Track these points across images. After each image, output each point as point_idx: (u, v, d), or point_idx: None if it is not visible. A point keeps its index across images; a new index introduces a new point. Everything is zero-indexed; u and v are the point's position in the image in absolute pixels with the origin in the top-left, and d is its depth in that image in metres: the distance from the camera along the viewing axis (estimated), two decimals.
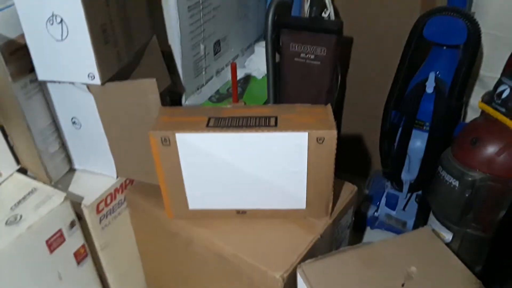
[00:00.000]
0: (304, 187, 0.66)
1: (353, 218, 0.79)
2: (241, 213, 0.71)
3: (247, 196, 0.69)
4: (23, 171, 0.74)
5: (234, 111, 0.66)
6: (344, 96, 1.11)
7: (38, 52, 0.62)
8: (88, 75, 0.63)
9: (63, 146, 0.76)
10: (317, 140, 0.61)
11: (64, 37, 0.60)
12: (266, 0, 1.18)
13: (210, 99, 1.04)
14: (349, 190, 0.75)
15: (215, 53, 1.04)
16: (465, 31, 0.73)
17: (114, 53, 0.66)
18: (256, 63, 1.13)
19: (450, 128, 0.83)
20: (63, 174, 0.77)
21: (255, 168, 0.65)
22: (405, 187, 0.95)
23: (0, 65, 0.58)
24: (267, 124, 0.62)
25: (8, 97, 0.62)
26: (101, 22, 0.61)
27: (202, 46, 0.97)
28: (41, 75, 0.65)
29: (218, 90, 1.07)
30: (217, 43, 1.03)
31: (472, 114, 0.94)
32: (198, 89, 1.01)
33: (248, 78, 1.12)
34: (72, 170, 0.79)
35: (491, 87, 0.81)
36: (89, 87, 0.65)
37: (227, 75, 1.11)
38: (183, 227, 0.72)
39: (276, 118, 0.63)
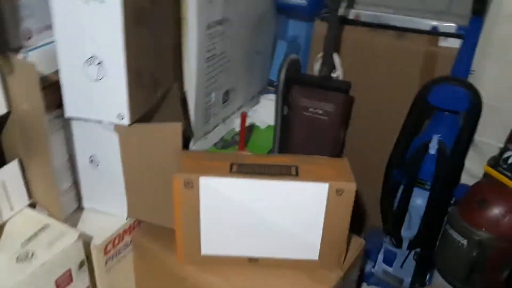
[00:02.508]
0: (319, 237, 0.67)
1: (359, 273, 0.80)
2: (253, 261, 0.70)
3: (261, 244, 0.69)
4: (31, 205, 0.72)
5: (256, 158, 0.68)
6: (343, 151, 1.15)
7: (70, 90, 0.64)
8: (118, 115, 0.65)
9: (75, 183, 0.76)
10: (336, 192, 0.63)
11: (100, 77, 0.62)
12: (272, 55, 1.25)
13: (215, 145, 1.06)
14: (357, 243, 0.77)
15: (224, 102, 1.07)
16: (467, 99, 0.79)
17: (144, 96, 0.68)
18: (261, 114, 1.17)
19: (451, 188, 0.87)
20: (71, 212, 0.76)
21: (273, 215, 0.66)
22: (405, 244, 0.97)
23: (36, 97, 0.59)
24: (289, 173, 0.65)
25: (37, 131, 0.63)
26: (136, 66, 0.64)
27: (213, 95, 1.00)
28: (70, 111, 0.66)
29: (223, 137, 1.10)
30: (226, 93, 1.07)
31: (465, 176, 0.99)
32: (205, 134, 1.03)
33: (251, 127, 1.16)
34: (79, 208, 0.78)
35: (484, 152, 0.87)
36: (115, 126, 0.67)
37: (232, 123, 1.14)
38: (192, 273, 0.71)
39: (297, 168, 0.66)
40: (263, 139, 1.11)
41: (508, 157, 0.68)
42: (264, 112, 1.17)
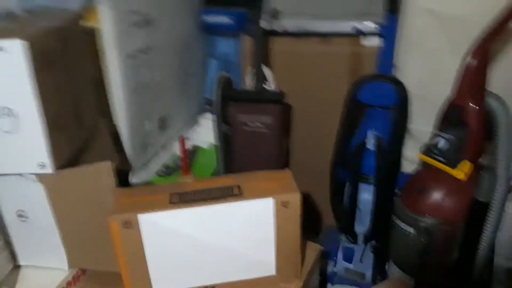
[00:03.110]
0: (273, 252, 0.66)
1: (319, 277, 0.80)
2: None
3: (216, 270, 0.67)
4: None
5: (196, 184, 0.66)
6: (288, 159, 1.15)
7: None
8: (38, 165, 0.60)
9: (6, 242, 0.70)
10: (282, 204, 0.63)
11: (13, 129, 0.58)
12: (205, 76, 1.24)
13: (158, 173, 1.03)
14: (313, 249, 0.77)
15: (160, 128, 1.04)
16: (394, 93, 0.82)
17: (66, 140, 0.65)
18: (201, 134, 1.15)
19: (393, 179, 0.90)
20: (6, 273, 0.70)
21: (223, 239, 0.64)
22: (360, 239, 0.98)
23: None
24: (232, 193, 0.63)
25: None
26: (53, 110, 0.60)
27: (147, 123, 0.97)
28: None
29: (165, 164, 1.07)
30: (162, 119, 1.04)
31: (405, 163, 1.02)
32: (144, 164, 0.99)
33: (194, 149, 1.13)
34: (16, 267, 0.72)
35: (419, 139, 0.90)
36: (39, 176, 0.62)
37: (173, 148, 1.11)
38: None
39: (239, 187, 0.64)
40: (207, 159, 1.09)
41: (438, 143, 0.70)
42: (205, 132, 1.15)
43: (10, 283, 0.68)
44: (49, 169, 0.60)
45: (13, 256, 0.71)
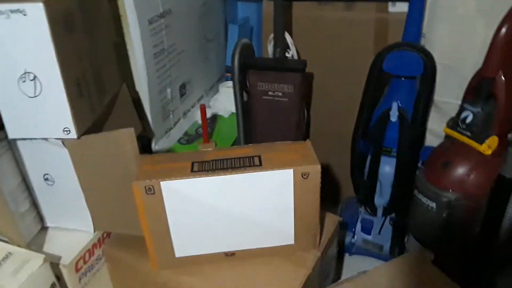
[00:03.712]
0: (292, 222, 0.67)
1: (337, 248, 0.81)
2: (230, 255, 0.70)
3: (235, 238, 0.68)
4: None
5: (217, 153, 0.66)
6: (309, 129, 1.14)
7: (9, 110, 0.60)
8: (63, 130, 0.61)
9: (34, 204, 0.72)
10: (302, 176, 0.62)
11: (37, 93, 0.58)
12: (225, 43, 1.22)
13: (179, 141, 1.03)
14: (332, 220, 0.77)
15: (181, 96, 1.04)
16: (421, 63, 0.79)
17: (89, 106, 0.65)
18: (222, 102, 1.15)
19: (416, 152, 0.88)
20: (35, 234, 0.73)
21: (243, 208, 0.65)
22: (379, 211, 0.98)
23: None
24: (252, 164, 0.63)
25: None
26: (75, 76, 0.61)
27: (168, 90, 0.97)
28: (12, 133, 0.62)
29: (186, 132, 1.07)
30: (183, 86, 1.04)
31: (430, 137, 1.00)
32: (166, 132, 1.00)
33: (215, 117, 1.13)
34: (44, 228, 0.75)
35: (445, 111, 0.88)
36: (64, 142, 0.63)
37: (194, 116, 1.12)
38: (170, 277, 0.69)
39: (259, 157, 0.64)
40: (228, 128, 1.09)
41: (465, 117, 0.69)
42: (225, 100, 1.15)
43: (37, 244, 0.71)
44: (73, 135, 0.61)
45: (40, 218, 0.74)
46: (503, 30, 0.63)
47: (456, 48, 0.83)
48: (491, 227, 0.69)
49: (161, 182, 0.61)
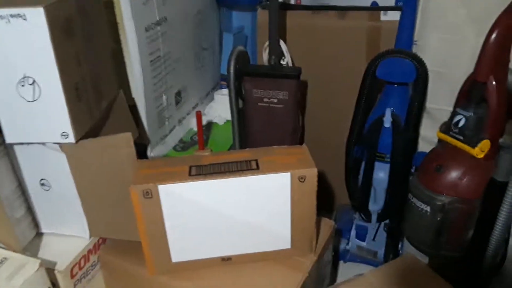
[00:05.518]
0: (289, 226, 0.67)
1: (333, 253, 0.81)
2: (226, 260, 0.70)
3: (232, 242, 0.68)
4: None
5: (214, 157, 0.67)
6: (303, 136, 1.15)
7: (7, 113, 0.60)
8: (62, 134, 0.61)
9: (29, 209, 0.72)
10: (299, 179, 0.63)
11: (36, 97, 0.59)
12: (220, 52, 1.24)
13: (174, 148, 1.04)
14: (327, 225, 0.78)
15: (177, 103, 1.05)
16: (414, 69, 0.81)
17: (87, 110, 0.65)
18: (217, 110, 1.16)
19: (409, 158, 0.89)
20: (30, 240, 0.72)
21: (240, 212, 0.65)
22: (373, 218, 0.99)
23: None
24: (249, 167, 0.64)
25: None
26: (73, 80, 0.61)
27: (164, 97, 0.98)
28: (10, 137, 0.62)
29: (181, 139, 1.08)
30: (178, 94, 1.05)
31: (422, 143, 1.02)
32: (162, 139, 1.00)
33: (210, 125, 1.14)
34: (39, 234, 0.74)
35: (437, 118, 0.89)
36: (61, 146, 0.63)
37: (189, 123, 1.12)
38: (166, 282, 0.69)
39: (256, 161, 0.65)
40: (223, 135, 1.10)
41: (458, 121, 0.70)
42: (220, 108, 1.16)
43: (33, 250, 0.71)
44: (71, 139, 0.61)
45: (35, 223, 0.73)
46: (493, 35, 0.65)
47: (447, 56, 0.84)
48: (484, 230, 0.70)
49: (158, 186, 0.61)
